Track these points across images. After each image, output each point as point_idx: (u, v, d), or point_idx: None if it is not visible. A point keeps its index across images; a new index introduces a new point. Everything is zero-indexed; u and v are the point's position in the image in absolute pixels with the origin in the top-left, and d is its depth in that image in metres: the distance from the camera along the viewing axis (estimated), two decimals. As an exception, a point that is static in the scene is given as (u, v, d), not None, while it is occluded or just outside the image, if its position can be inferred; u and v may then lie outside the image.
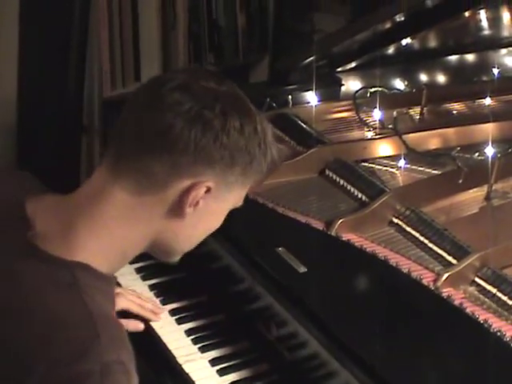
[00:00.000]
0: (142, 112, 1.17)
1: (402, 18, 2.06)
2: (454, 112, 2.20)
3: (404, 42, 2.22)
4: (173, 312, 1.66)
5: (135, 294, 1.65)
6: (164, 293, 1.70)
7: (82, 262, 1.15)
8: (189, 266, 1.70)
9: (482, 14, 2.21)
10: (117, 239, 1.19)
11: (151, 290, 1.72)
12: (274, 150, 1.23)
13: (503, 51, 2.41)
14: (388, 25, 2.11)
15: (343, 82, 2.22)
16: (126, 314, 1.57)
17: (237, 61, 3.01)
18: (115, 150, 1.19)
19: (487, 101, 2.22)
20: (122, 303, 1.58)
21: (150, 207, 1.17)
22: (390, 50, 2.21)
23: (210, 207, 1.20)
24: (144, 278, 1.75)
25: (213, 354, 1.55)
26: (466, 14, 2.17)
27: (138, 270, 1.77)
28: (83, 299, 1.11)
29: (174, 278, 1.75)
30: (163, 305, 1.67)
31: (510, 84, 2.29)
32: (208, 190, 1.17)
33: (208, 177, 1.16)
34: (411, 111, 2.16)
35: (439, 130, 2.00)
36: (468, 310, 1.43)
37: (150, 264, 1.76)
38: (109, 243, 1.18)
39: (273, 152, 1.23)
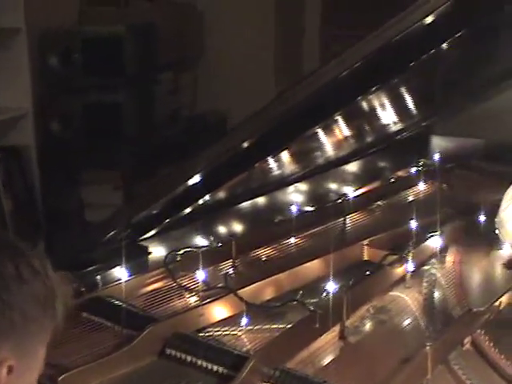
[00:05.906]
0: None
1: (197, 179, 1.96)
2: (264, 258, 2.11)
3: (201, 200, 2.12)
4: None
5: None
6: None
7: None
8: None
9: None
10: None
11: None
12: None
13: (291, 188, 2.39)
14: (182, 187, 2.00)
15: (150, 250, 2.05)
16: None
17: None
18: None
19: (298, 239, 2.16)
20: None
21: None
22: (189, 209, 2.09)
23: None
24: None
25: None
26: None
27: None
28: None
29: None
30: None
31: (312, 218, 2.25)
32: (10, 370, 0.94)
33: (4, 353, 0.94)
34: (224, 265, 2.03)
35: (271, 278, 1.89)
36: None
37: None
38: None
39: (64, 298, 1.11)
